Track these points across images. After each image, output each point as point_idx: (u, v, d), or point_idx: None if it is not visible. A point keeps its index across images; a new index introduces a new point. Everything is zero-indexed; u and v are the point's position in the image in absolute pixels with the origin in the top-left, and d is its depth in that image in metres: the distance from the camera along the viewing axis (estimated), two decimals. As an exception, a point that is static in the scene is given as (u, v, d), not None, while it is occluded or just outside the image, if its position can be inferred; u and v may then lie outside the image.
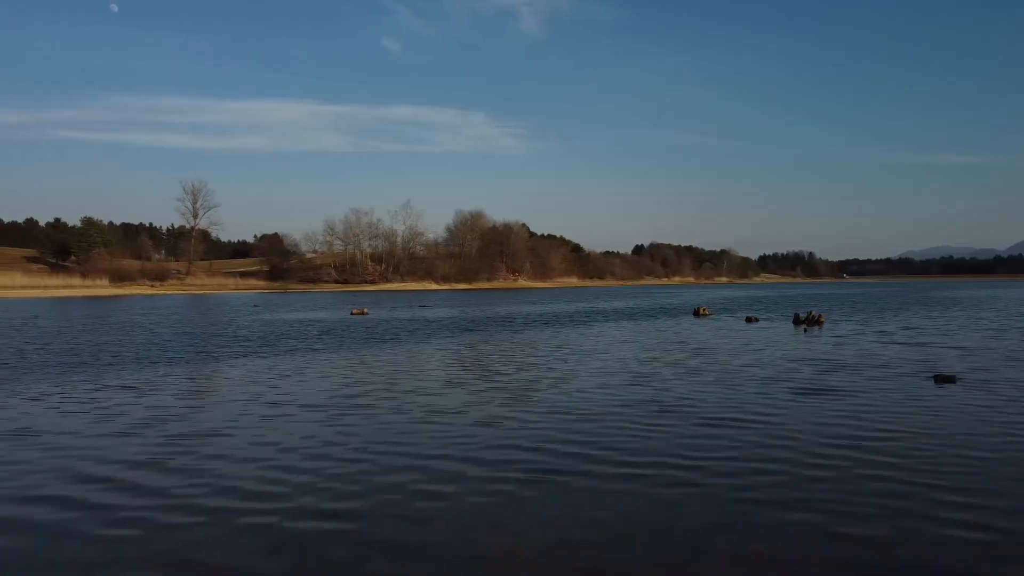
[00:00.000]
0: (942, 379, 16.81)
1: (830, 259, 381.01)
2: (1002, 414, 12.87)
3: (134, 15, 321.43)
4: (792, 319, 39.80)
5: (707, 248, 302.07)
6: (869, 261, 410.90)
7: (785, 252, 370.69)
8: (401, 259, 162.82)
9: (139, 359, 23.12)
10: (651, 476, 9.09)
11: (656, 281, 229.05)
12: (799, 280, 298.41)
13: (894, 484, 8.61)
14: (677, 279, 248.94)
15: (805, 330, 33.62)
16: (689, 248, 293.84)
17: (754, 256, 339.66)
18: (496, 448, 10.74)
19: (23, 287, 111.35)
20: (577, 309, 58.25)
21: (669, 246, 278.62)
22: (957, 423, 12.17)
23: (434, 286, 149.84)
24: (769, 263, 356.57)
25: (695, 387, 16.43)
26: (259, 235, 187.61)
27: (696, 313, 47.65)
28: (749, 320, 40.69)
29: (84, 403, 14.98)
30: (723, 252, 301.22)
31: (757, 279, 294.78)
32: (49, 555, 6.89)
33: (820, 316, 38.11)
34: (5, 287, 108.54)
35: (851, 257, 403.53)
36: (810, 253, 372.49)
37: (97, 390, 16.77)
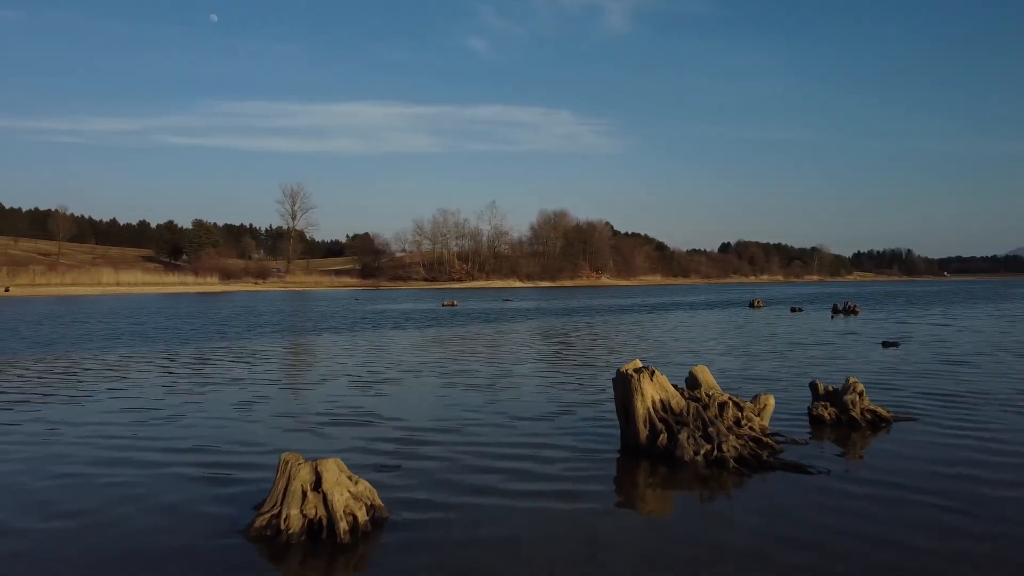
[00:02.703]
0: (887, 344, 22.08)
1: (931, 257, 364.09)
2: (919, 366, 17.76)
3: (232, 24, 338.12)
4: (831, 309, 43.93)
5: (797, 246, 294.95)
6: (973, 259, 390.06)
7: (881, 249, 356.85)
8: (486, 257, 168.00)
9: (346, 327, 33.28)
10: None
11: (742, 279, 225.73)
12: (895, 279, 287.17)
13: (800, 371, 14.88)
14: (765, 277, 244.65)
15: (832, 317, 37.82)
16: (778, 246, 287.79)
17: (848, 254, 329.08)
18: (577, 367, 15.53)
19: (144, 284, 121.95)
20: (654, 302, 62.56)
21: (757, 244, 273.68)
22: (866, 361, 18.44)
23: (518, 284, 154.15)
24: (864, 261, 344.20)
25: (720, 342, 24.16)
26: (351, 235, 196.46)
27: (751, 305, 52.24)
28: (793, 310, 45.20)
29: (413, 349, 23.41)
30: (814, 250, 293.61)
31: (850, 277, 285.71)
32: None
33: (856, 307, 42.31)
34: (130, 284, 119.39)
35: (954, 255, 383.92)
36: (908, 250, 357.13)
37: (377, 339, 26.36)
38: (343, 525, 5.84)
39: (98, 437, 10.13)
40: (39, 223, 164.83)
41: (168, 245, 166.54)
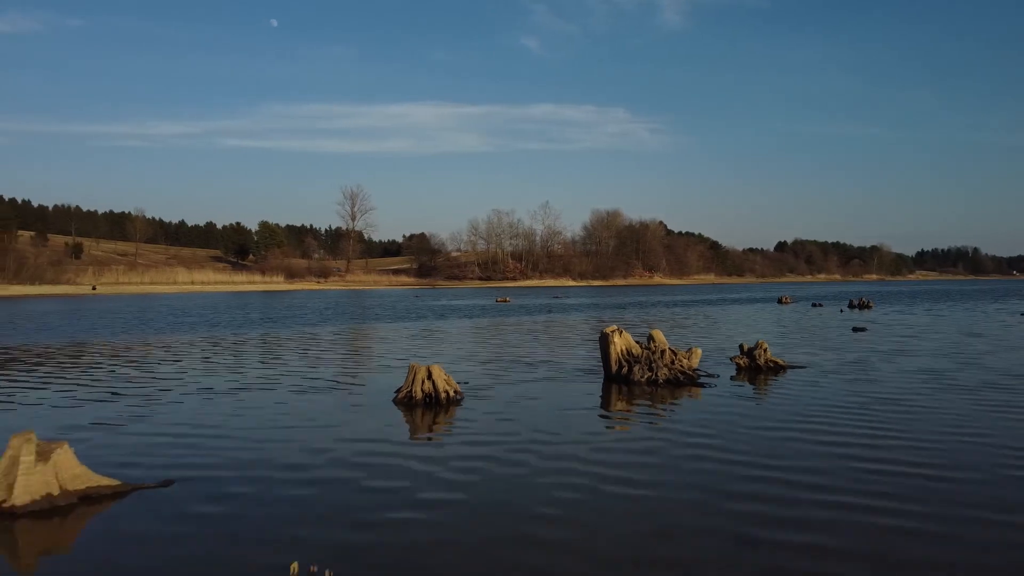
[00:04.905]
0: (857, 328, 26.58)
1: (999, 255, 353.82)
2: (866, 341, 22.69)
3: (291, 28, 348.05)
4: (848, 304, 48.59)
5: (857, 244, 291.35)
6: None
7: (946, 248, 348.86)
8: (540, 257, 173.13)
9: (420, 316, 39.52)
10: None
11: (798, 278, 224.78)
12: (959, 277, 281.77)
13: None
14: (822, 276, 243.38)
15: (841, 311, 42.29)
16: (836, 244, 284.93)
17: (912, 252, 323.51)
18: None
19: (216, 282, 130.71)
20: (699, 299, 67.81)
21: (814, 243, 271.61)
22: (832, 339, 23.52)
23: (571, 282, 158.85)
24: (927, 259, 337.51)
25: (728, 327, 28.74)
26: (407, 235, 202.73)
27: (779, 301, 57.27)
28: (814, 305, 50.14)
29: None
30: (874, 248, 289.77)
31: (911, 276, 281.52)
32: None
33: (869, 302, 47.07)
34: (203, 282, 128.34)
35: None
36: (974, 248, 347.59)
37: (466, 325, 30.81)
38: (443, 396, 11.58)
39: (324, 366, 16.69)
40: (117, 225, 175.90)
41: (235, 246, 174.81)
